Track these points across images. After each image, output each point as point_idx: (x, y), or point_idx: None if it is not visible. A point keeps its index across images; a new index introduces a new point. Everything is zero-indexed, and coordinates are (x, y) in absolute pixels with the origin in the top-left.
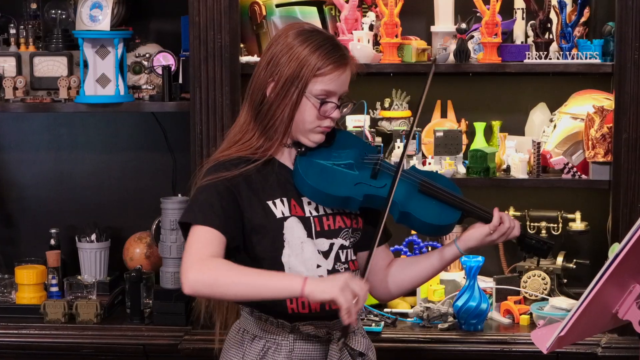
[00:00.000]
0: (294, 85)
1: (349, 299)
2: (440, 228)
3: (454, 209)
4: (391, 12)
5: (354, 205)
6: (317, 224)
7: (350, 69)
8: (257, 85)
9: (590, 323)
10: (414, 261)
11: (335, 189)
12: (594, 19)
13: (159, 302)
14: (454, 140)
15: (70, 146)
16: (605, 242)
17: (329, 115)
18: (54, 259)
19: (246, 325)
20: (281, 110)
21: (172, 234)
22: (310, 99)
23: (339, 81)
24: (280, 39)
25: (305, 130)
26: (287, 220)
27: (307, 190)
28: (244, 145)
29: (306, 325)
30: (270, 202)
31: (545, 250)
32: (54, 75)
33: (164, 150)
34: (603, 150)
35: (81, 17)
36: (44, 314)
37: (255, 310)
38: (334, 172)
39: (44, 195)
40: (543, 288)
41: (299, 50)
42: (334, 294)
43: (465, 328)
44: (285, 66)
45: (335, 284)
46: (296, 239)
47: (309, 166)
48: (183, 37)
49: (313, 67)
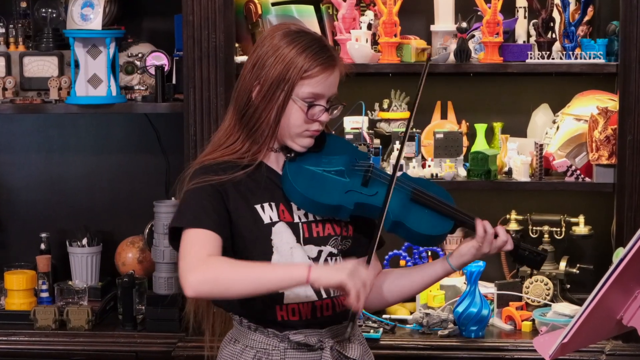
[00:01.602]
0: (280, 88)
1: (358, 284)
2: (432, 238)
3: (447, 218)
4: (390, 11)
5: (345, 213)
6: (305, 230)
7: (339, 70)
8: (243, 88)
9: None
10: (407, 272)
11: (325, 197)
12: (598, 17)
13: (151, 308)
14: (455, 142)
15: (61, 148)
16: (609, 247)
17: (317, 119)
18: (44, 263)
19: (237, 335)
20: (267, 113)
21: (165, 238)
22: (297, 102)
23: (327, 83)
24: (266, 40)
25: (292, 134)
26: (275, 225)
27: (296, 198)
28: (229, 149)
29: (297, 334)
30: (258, 206)
31: (539, 261)
32: (44, 76)
33: (157, 152)
34: (607, 153)
35: (72, 16)
36: (34, 321)
37: (244, 320)
38: (324, 179)
39: (34, 199)
40: (546, 294)
41: (286, 52)
42: (342, 279)
43: (465, 335)
44: (272, 68)
45: (342, 269)
46: (285, 245)
47: (298, 172)
48: (176, 36)
49: (300, 69)
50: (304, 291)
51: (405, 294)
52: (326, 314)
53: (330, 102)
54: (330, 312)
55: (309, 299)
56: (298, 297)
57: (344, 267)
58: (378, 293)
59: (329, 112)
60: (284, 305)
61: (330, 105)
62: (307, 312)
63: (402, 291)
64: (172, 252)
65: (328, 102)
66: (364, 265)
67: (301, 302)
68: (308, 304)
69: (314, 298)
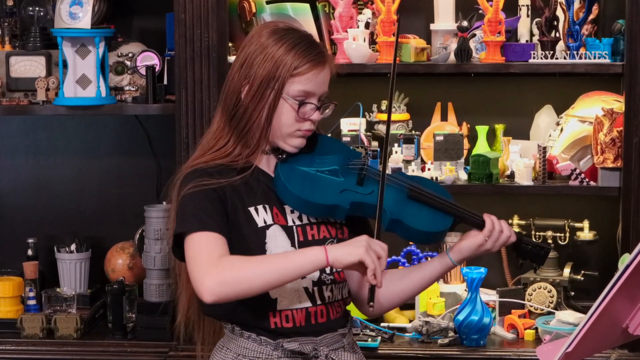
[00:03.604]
0: (270, 86)
1: (375, 260)
2: (432, 235)
3: (446, 214)
4: (388, 9)
5: (341, 213)
6: (300, 233)
7: (329, 68)
8: (231, 88)
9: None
10: (405, 273)
11: (320, 197)
12: (603, 16)
13: (142, 316)
14: (455, 145)
15: (48, 151)
16: (614, 253)
17: (309, 118)
18: (31, 270)
19: (228, 343)
20: (257, 113)
21: (156, 244)
22: (287, 100)
23: (317, 80)
24: (253, 39)
25: (284, 134)
26: (270, 228)
27: (289, 199)
28: (219, 152)
29: (291, 342)
30: (252, 209)
31: (542, 255)
32: (31, 76)
33: (147, 155)
34: (613, 156)
35: (60, 14)
36: (21, 329)
37: (236, 328)
38: (318, 179)
39: (20, 203)
40: (549, 301)
41: (274, 50)
42: (361, 255)
43: (466, 344)
44: (260, 67)
45: (359, 246)
46: (280, 248)
47: (290, 173)
48: (168, 35)
49: (289, 67)
50: (297, 297)
51: (405, 297)
52: (321, 320)
53: (321, 100)
54: (325, 319)
55: (303, 305)
56: (292, 304)
57: (359, 243)
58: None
59: (320, 111)
60: (277, 311)
61: (322, 104)
62: (301, 318)
63: (401, 294)
64: (164, 259)
65: (319, 100)
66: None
67: (295, 308)
68: (302, 310)
69: (308, 304)
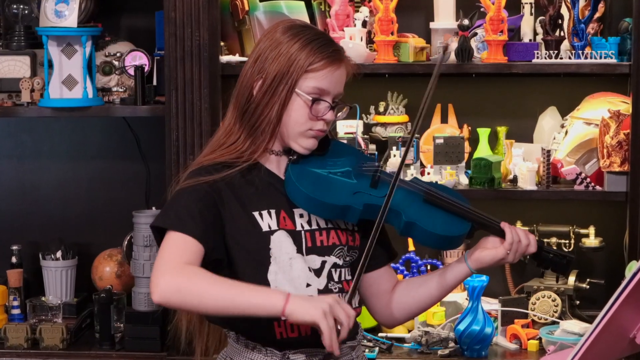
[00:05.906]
0: (283, 82)
1: (332, 325)
2: (448, 240)
3: (463, 219)
4: (386, 7)
5: (353, 215)
6: (308, 239)
7: (346, 68)
8: (244, 84)
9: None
10: (420, 282)
11: (332, 198)
12: (609, 14)
13: (131, 326)
14: (456, 148)
15: (33, 154)
16: (621, 260)
17: (322, 117)
18: (15, 278)
19: (232, 353)
20: (269, 109)
21: (145, 250)
22: (301, 95)
23: (332, 78)
24: (268, 34)
25: (295, 133)
26: (275, 234)
27: (300, 200)
28: (229, 149)
29: (297, 353)
30: (256, 213)
31: (565, 264)
32: (15, 77)
33: (136, 158)
34: (619, 159)
35: (45, 12)
36: (5, 339)
37: (241, 337)
38: (330, 180)
39: (4, 209)
40: (553, 310)
41: (289, 46)
42: (317, 318)
43: (468, 354)
44: (274, 62)
45: (318, 306)
46: (284, 255)
47: (302, 174)
48: (157, 34)
49: (304, 63)
50: None
51: (423, 306)
52: None
53: (336, 101)
54: None
55: None
56: None
57: (322, 304)
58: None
59: (334, 111)
60: (282, 321)
61: (336, 104)
62: (307, 328)
63: (419, 304)
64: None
65: (334, 101)
66: (346, 303)
67: None
68: None
69: None
